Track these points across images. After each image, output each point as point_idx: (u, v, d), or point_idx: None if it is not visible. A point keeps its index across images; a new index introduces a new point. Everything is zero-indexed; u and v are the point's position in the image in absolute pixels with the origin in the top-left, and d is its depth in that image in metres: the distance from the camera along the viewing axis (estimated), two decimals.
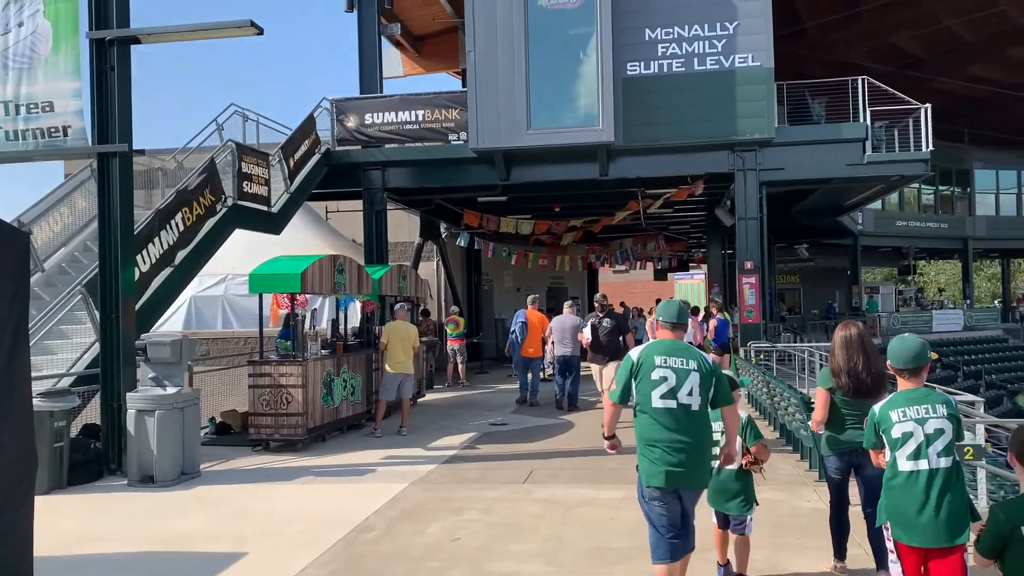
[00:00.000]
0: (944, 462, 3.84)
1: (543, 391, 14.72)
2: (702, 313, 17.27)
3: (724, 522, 5.11)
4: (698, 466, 4.43)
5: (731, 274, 34.81)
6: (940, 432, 3.86)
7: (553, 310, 20.98)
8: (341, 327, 12.80)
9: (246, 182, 13.39)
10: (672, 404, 4.40)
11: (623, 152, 15.70)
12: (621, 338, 12.14)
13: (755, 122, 15.07)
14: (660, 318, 4.70)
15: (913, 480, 3.85)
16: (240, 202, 13.17)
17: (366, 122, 16.32)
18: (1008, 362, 32.33)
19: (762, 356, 14.52)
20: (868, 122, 15.03)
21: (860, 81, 15.09)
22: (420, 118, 16.12)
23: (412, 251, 21.30)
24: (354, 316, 13.61)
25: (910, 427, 3.89)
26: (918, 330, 32.75)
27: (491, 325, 25.83)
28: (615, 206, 19.38)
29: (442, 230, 22.35)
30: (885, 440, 3.99)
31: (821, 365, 13.73)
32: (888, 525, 3.95)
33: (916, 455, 3.86)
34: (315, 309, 12.27)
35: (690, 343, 8.37)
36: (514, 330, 14.84)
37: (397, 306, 11.64)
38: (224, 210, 12.73)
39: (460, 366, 17.61)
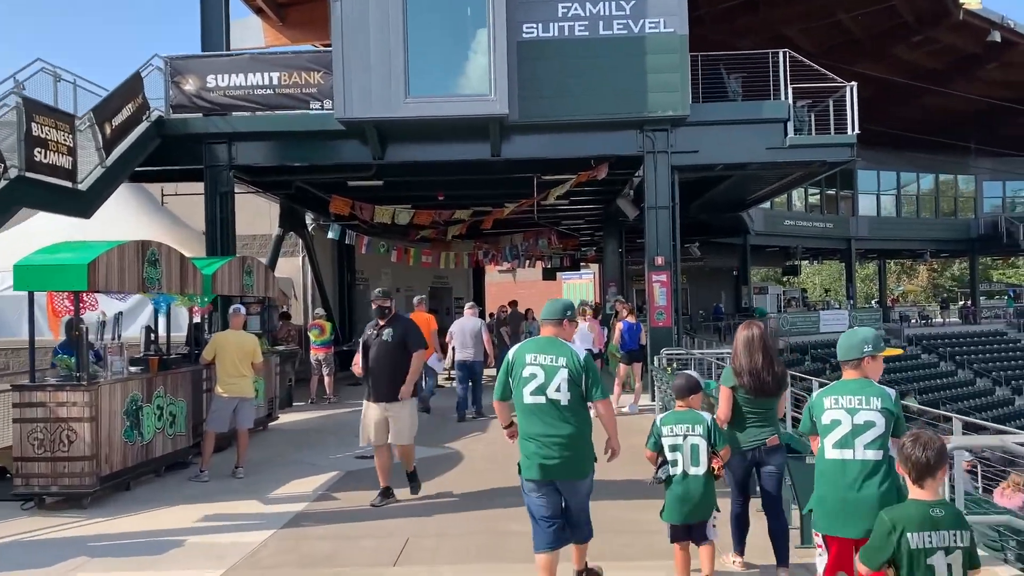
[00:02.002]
0: (872, 454, 3.86)
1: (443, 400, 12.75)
2: (598, 314, 15.36)
3: (684, 535, 4.82)
4: (573, 458, 4.54)
5: (629, 273, 33.80)
6: (870, 424, 3.87)
7: (436, 311, 18.63)
8: (161, 336, 9.96)
9: (39, 149, 10.32)
10: (541, 400, 4.56)
11: (518, 129, 13.51)
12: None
13: (667, 97, 13.18)
14: (543, 316, 4.88)
15: (838, 469, 3.87)
16: (30, 174, 10.13)
17: (208, 85, 13.44)
18: (893, 361, 32.21)
19: (675, 365, 12.59)
20: (790, 101, 13.42)
21: (782, 55, 13.45)
22: (275, 82, 13.38)
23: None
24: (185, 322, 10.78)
25: (839, 415, 3.93)
26: (806, 331, 32.34)
27: None
28: (509, 196, 17.16)
29: (308, 220, 19.54)
30: (816, 426, 4.04)
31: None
32: (813, 517, 4.00)
33: (842, 444, 3.89)
34: (121, 313, 9.38)
35: (589, 349, 8.29)
36: None
37: (232, 309, 8.90)
38: (4, 183, 9.71)
39: (327, 379, 14.94)
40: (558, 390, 4.53)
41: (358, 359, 7.35)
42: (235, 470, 8.54)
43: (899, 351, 10.93)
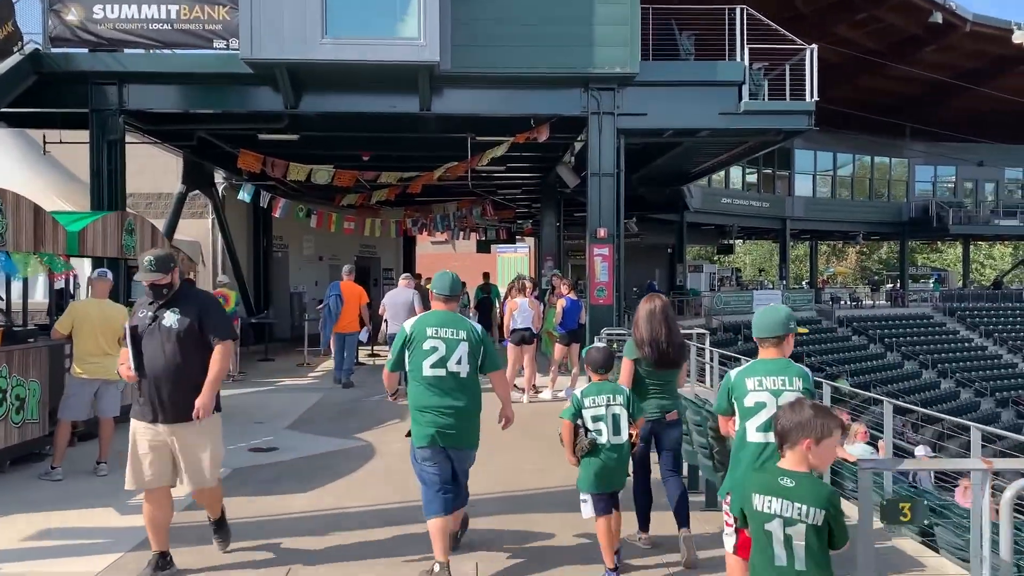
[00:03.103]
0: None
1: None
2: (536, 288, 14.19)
3: (607, 504, 4.73)
4: (467, 428, 4.78)
5: (566, 248, 32.79)
6: None
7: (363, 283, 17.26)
8: (16, 304, 8.36)
9: None
10: (442, 372, 4.69)
11: (451, 81, 12.15)
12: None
13: (616, 52, 12.00)
14: (434, 290, 4.93)
15: (762, 451, 3.73)
16: None
17: (94, 16, 11.69)
18: (824, 343, 32.15)
19: (617, 346, 11.52)
20: (746, 63, 12.38)
21: (739, 11, 12.38)
22: (173, 15, 11.70)
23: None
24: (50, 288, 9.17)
25: (764, 397, 3.81)
26: (740, 310, 31.92)
27: (284, 300, 21.56)
28: (440, 159, 15.78)
29: (220, 179, 17.85)
30: (736, 408, 3.91)
31: (710, 363, 11.31)
32: (728, 499, 3.84)
33: (767, 427, 3.69)
34: None
35: (528, 328, 10.09)
36: (327, 304, 12.90)
37: (94, 274, 7.34)
38: None
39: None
40: (459, 363, 4.69)
41: (126, 356, 4.66)
42: (96, 466, 7.07)
43: (805, 330, 10.26)
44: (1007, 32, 31.10)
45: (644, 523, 5.31)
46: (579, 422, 4.73)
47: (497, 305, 18.52)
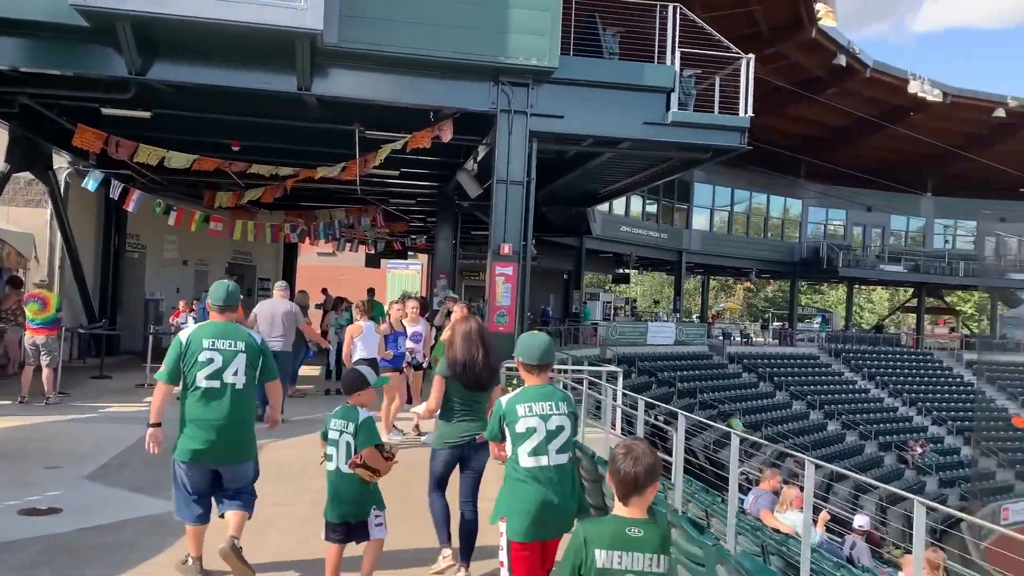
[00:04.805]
0: (564, 458, 4.00)
1: None
2: (426, 309, 12.36)
3: (341, 533, 4.67)
4: (234, 442, 4.76)
5: (460, 267, 31.06)
6: (560, 429, 3.99)
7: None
8: None
9: None
10: (216, 384, 4.70)
11: (337, 58, 10.26)
12: None
13: (533, 41, 10.40)
14: (210, 300, 4.95)
15: (536, 476, 3.90)
16: None
17: None
18: (716, 380, 31.61)
19: (516, 381, 9.82)
20: (677, 67, 11.03)
21: (672, 9, 11.02)
22: None
23: None
24: None
25: (534, 423, 3.97)
26: (634, 342, 31.04)
27: (137, 308, 18.88)
28: (325, 155, 13.78)
29: (63, 163, 15.24)
30: (508, 433, 4.02)
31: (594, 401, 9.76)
32: (503, 523, 3.94)
33: (537, 451, 3.93)
34: None
35: (372, 357, 9.10)
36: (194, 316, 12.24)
37: None
38: None
39: (45, 371, 10.90)
40: (235, 374, 4.73)
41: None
42: None
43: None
44: (903, 81, 31.67)
45: (447, 540, 5.24)
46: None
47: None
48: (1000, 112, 33.40)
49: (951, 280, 40.79)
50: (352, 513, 4.64)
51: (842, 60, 29.61)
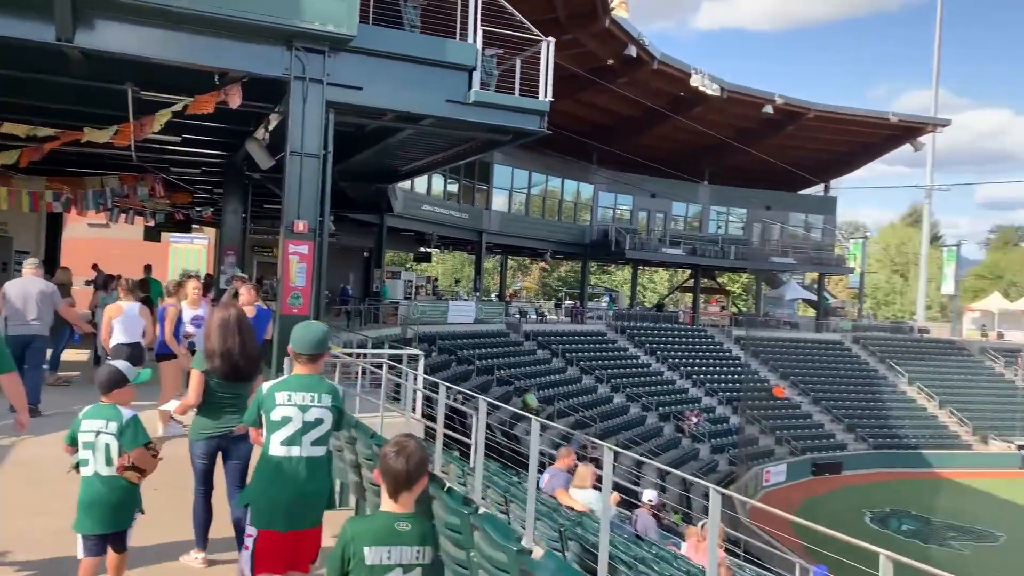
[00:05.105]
0: (319, 451, 3.97)
1: None
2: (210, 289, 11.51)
3: (99, 546, 4.35)
4: None
5: (251, 244, 29.41)
6: (319, 421, 3.95)
7: None
8: None
9: None
10: None
11: (104, 7, 9.17)
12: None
13: (330, 6, 9.84)
14: None
15: (285, 465, 3.88)
16: None
17: None
18: (513, 357, 32.31)
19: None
20: (480, 46, 10.89)
21: None
22: None
23: None
24: None
25: (291, 412, 3.92)
26: (435, 320, 31.04)
27: None
28: (95, 116, 12.34)
29: None
30: (264, 420, 3.98)
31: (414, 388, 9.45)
32: (249, 510, 3.93)
33: (290, 441, 3.91)
34: None
35: (136, 342, 8.63)
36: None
37: None
38: None
39: None
40: None
41: None
42: None
43: (338, 348, 9.46)
44: (686, 75, 33.77)
45: (202, 542, 5.15)
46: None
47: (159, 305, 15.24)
48: (769, 109, 36.51)
49: (723, 263, 44.34)
50: (113, 521, 4.36)
51: (633, 51, 31.05)
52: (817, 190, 47.67)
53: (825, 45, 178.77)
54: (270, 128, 12.73)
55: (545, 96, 11.21)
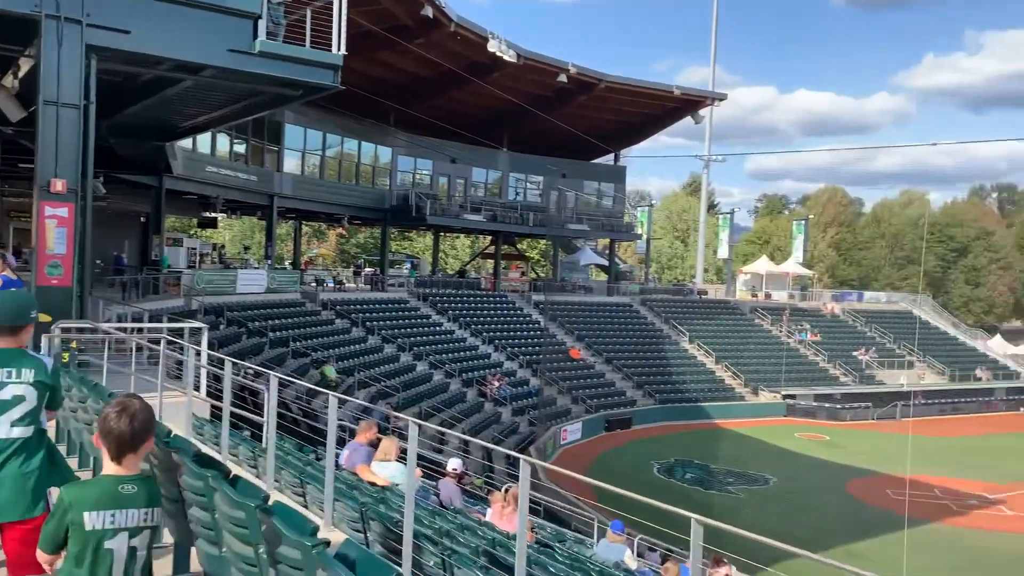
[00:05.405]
0: (20, 431, 3.63)
1: None
2: None
3: None
4: None
5: (6, 207, 26.05)
6: (19, 399, 3.65)
7: None
8: None
9: None
10: None
11: None
12: None
13: None
14: None
15: None
16: None
17: None
18: (309, 327, 31.19)
19: (77, 346, 8.28)
20: None
21: None
22: None
23: None
24: None
25: None
26: (223, 290, 29.25)
27: None
28: None
29: None
30: None
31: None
32: None
33: None
34: None
35: None
36: None
37: None
38: None
39: None
40: None
41: None
42: None
43: (47, 317, 8.90)
44: (484, 39, 33.73)
45: None
46: None
47: None
48: (563, 77, 37.37)
49: (523, 229, 45.25)
50: None
51: (429, 11, 30.48)
52: (608, 159, 49.71)
53: (614, 18, 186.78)
54: (20, 75, 11.10)
55: (339, 49, 10.54)
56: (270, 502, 3.46)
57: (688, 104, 45.51)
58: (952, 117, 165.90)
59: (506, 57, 33.86)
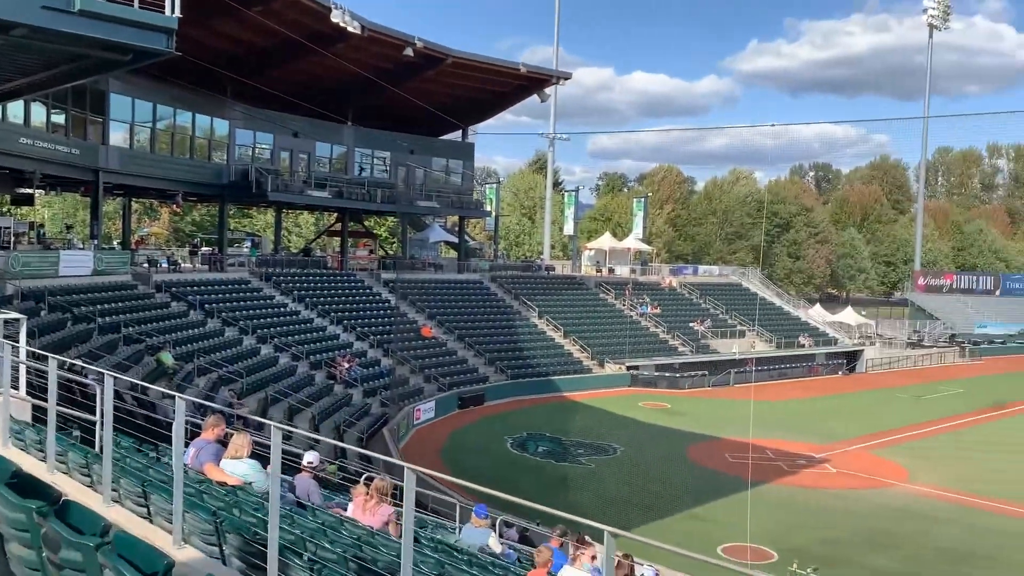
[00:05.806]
0: None
1: None
2: None
3: None
4: None
5: None
6: None
7: None
8: None
9: None
10: None
11: None
12: None
13: None
14: None
15: None
16: None
17: None
18: (142, 311, 29.16)
19: None
20: None
21: None
22: None
23: None
24: None
25: None
26: (43, 273, 26.83)
27: None
28: None
29: None
30: None
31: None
32: None
33: None
34: None
35: None
36: None
37: None
38: None
39: None
40: None
41: None
42: None
43: None
44: (327, 9, 32.44)
45: None
46: None
47: None
48: (409, 51, 36.61)
49: (370, 206, 44.19)
50: None
51: None
52: (456, 136, 49.39)
53: None
54: None
55: (173, 12, 9.62)
56: (110, 533, 2.99)
57: (534, 82, 45.87)
58: (774, 100, 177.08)
59: (350, 28, 32.75)
